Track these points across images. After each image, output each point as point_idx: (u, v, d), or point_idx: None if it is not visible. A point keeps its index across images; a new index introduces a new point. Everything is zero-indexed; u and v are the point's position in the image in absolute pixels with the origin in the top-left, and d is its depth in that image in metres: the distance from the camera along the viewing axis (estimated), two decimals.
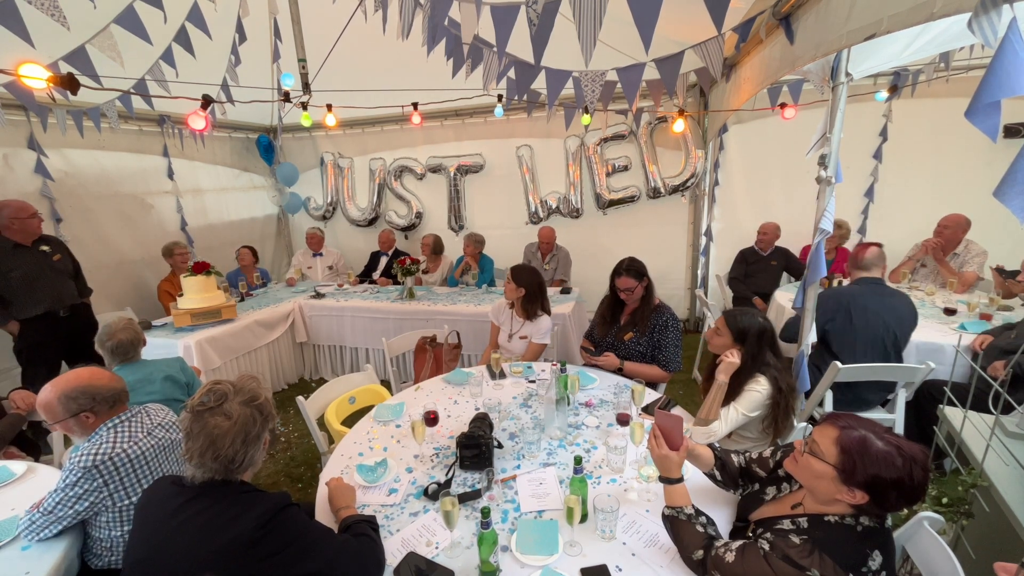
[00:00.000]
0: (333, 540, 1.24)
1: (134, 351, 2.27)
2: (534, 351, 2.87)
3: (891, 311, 2.55)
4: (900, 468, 1.05)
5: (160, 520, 1.17)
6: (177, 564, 1.11)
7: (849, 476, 1.09)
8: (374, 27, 2.54)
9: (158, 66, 2.72)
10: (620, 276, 2.52)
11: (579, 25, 1.61)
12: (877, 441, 1.09)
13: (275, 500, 1.18)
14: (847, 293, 2.63)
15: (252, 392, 1.23)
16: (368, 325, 4.14)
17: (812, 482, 1.17)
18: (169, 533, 1.14)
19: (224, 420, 1.16)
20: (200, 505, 1.15)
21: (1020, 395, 1.81)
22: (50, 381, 1.57)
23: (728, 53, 2.90)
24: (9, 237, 3.13)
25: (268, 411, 1.24)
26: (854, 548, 1.08)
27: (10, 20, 1.84)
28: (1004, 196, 1.01)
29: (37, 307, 3.20)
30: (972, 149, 3.91)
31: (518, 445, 1.88)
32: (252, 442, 1.19)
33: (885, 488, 1.06)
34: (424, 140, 5.58)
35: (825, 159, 2.07)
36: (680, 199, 4.96)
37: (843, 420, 1.16)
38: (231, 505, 1.15)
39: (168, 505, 1.18)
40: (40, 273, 3.21)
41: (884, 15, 1.48)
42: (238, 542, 1.10)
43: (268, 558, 1.11)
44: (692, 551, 1.22)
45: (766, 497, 1.39)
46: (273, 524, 1.14)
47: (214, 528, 1.11)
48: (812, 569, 1.05)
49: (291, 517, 1.18)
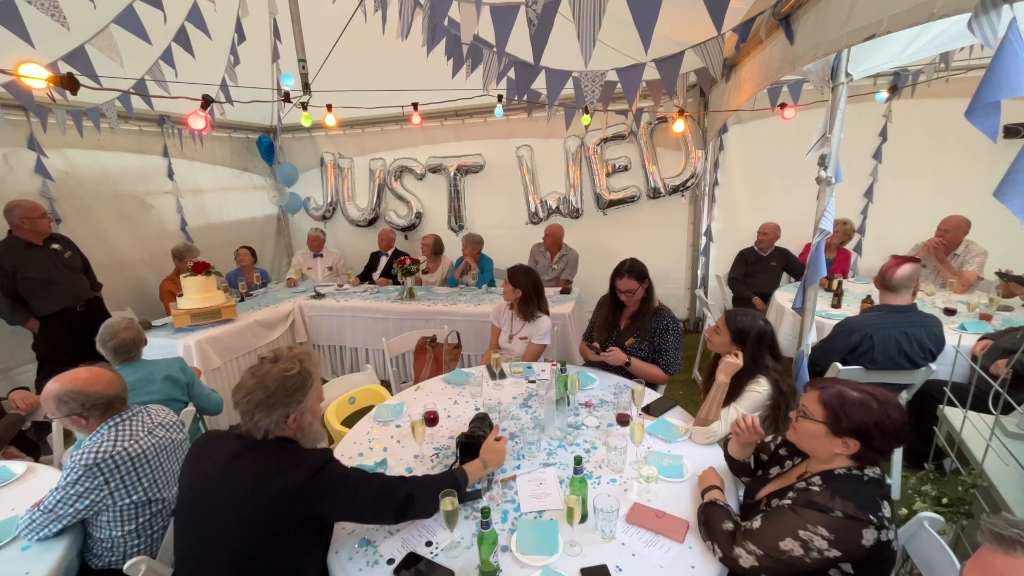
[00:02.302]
0: (372, 485, 1.36)
1: (136, 351, 2.27)
2: (534, 352, 2.87)
3: (916, 345, 2.32)
4: (876, 410, 1.21)
5: (213, 468, 1.29)
6: (230, 506, 1.23)
7: (837, 427, 1.24)
8: (374, 27, 2.54)
9: (158, 66, 2.72)
10: (622, 278, 2.48)
11: (579, 25, 1.61)
12: (852, 392, 1.26)
13: (321, 455, 1.32)
14: (869, 326, 2.36)
15: (291, 363, 1.33)
16: (368, 325, 4.14)
17: (811, 443, 1.31)
18: (223, 478, 1.26)
19: (250, 376, 1.30)
20: (257, 455, 1.28)
21: (1020, 395, 1.81)
22: (56, 376, 1.58)
23: (728, 53, 2.90)
24: (21, 237, 3.20)
25: (292, 386, 1.30)
26: (867, 493, 1.19)
27: (10, 20, 1.85)
28: (1004, 196, 1.02)
29: (55, 304, 3.30)
30: (972, 149, 3.90)
31: (518, 445, 1.88)
32: (264, 408, 1.26)
33: (869, 430, 1.21)
34: (424, 140, 5.58)
35: (825, 159, 2.07)
36: (680, 199, 4.96)
37: (821, 382, 1.34)
38: (284, 458, 1.27)
39: (227, 453, 1.30)
40: (55, 271, 3.31)
41: (884, 15, 1.48)
42: (292, 487, 1.22)
43: (319, 501, 1.25)
44: (722, 523, 1.33)
45: (771, 476, 1.49)
46: (321, 474, 1.26)
47: (271, 475, 1.23)
48: (836, 510, 1.16)
49: (335, 468, 1.32)
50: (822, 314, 3.12)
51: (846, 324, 2.46)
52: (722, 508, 1.38)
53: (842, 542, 1.13)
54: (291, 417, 1.30)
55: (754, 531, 1.25)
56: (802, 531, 1.17)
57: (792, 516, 1.20)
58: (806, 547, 1.16)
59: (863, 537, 1.13)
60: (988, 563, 0.84)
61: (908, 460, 2.55)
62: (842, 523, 1.14)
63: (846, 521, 1.14)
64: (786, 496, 1.29)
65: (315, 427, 1.40)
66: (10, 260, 3.17)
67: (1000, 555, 0.83)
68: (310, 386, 1.35)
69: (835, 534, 1.14)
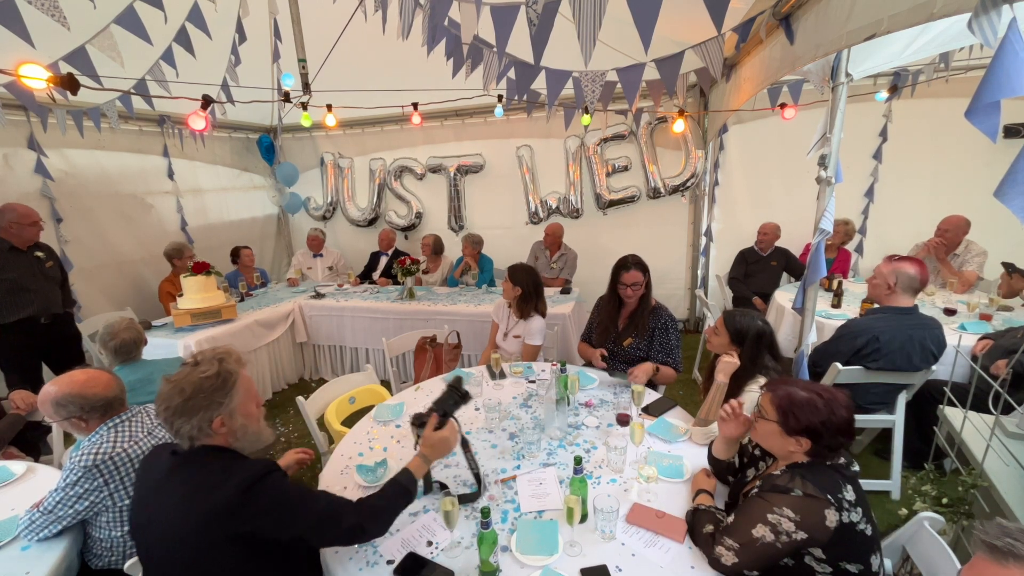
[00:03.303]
0: (316, 504, 1.25)
1: (136, 351, 2.28)
2: (528, 352, 2.87)
3: (919, 347, 2.31)
4: (823, 410, 1.25)
5: (151, 488, 1.24)
6: (167, 529, 1.16)
7: (788, 427, 1.28)
8: (374, 27, 2.54)
9: (158, 66, 2.72)
10: (628, 271, 2.48)
11: (579, 25, 1.61)
12: (800, 392, 1.30)
13: (257, 467, 1.20)
14: (875, 328, 2.34)
15: (208, 364, 1.23)
16: (368, 325, 4.14)
17: (770, 441, 1.36)
18: (158, 500, 1.20)
19: (166, 384, 1.20)
20: (186, 473, 1.20)
21: (1020, 395, 1.81)
22: (53, 379, 1.58)
23: (728, 53, 2.90)
24: (6, 239, 3.11)
25: (210, 387, 1.20)
26: (827, 476, 1.23)
27: (10, 20, 1.84)
28: (1004, 196, 1.02)
29: (21, 311, 3.12)
30: (972, 149, 3.90)
31: (518, 445, 1.88)
32: (182, 414, 1.18)
33: (817, 429, 1.25)
34: (424, 140, 5.58)
35: (825, 159, 2.07)
36: (680, 199, 4.96)
37: (774, 384, 1.39)
38: (212, 473, 1.17)
39: (160, 469, 1.24)
40: (31, 278, 3.17)
41: (884, 15, 1.48)
42: (220, 508, 1.12)
43: (251, 521, 1.14)
44: (703, 527, 1.34)
45: (748, 477, 1.53)
46: (255, 491, 1.15)
47: (198, 495, 1.14)
48: (796, 489, 1.20)
49: (273, 483, 1.19)
50: (822, 314, 3.12)
51: (851, 327, 2.44)
52: (705, 512, 1.39)
53: (807, 523, 1.17)
54: (216, 421, 1.21)
55: (729, 526, 1.28)
56: (770, 515, 1.20)
57: (760, 502, 1.24)
58: (776, 531, 1.19)
59: (826, 518, 1.16)
60: (981, 573, 0.84)
61: (908, 460, 2.55)
62: (803, 502, 1.18)
63: (806, 500, 1.18)
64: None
65: (252, 430, 1.29)
66: None
67: (992, 565, 0.82)
68: (233, 385, 1.24)
69: (799, 515, 1.17)
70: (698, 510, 1.42)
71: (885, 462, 2.61)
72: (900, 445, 2.50)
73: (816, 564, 1.21)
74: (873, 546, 1.23)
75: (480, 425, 2.05)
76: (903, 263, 2.36)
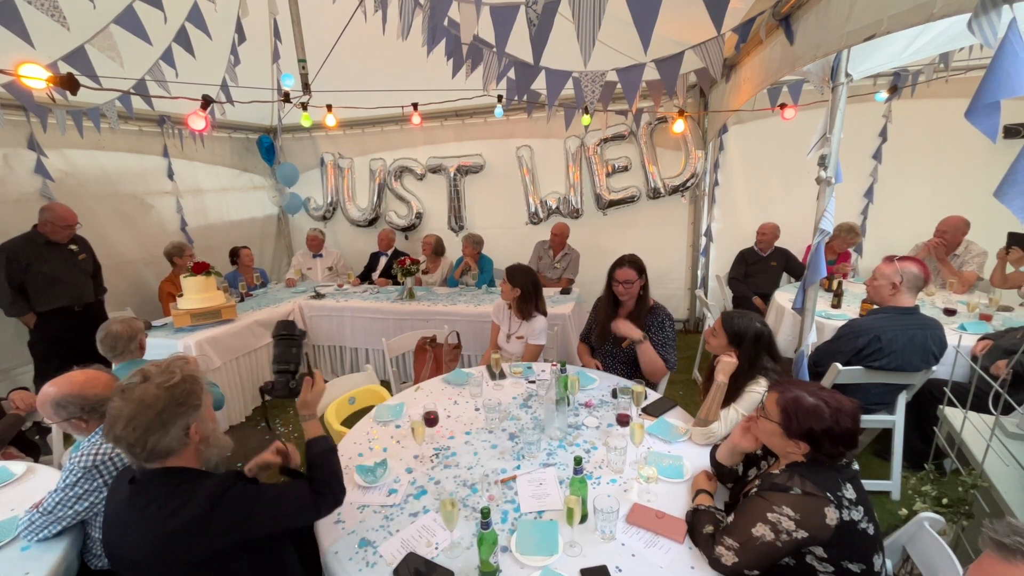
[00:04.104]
0: (282, 501, 1.26)
1: (127, 345, 2.27)
2: (531, 352, 2.87)
3: (921, 348, 2.30)
4: (827, 418, 1.24)
5: (116, 513, 1.22)
6: (133, 554, 1.13)
7: (790, 430, 1.28)
8: (374, 27, 2.54)
9: (158, 66, 2.72)
10: (622, 267, 2.51)
11: (579, 25, 1.61)
12: (808, 398, 1.28)
13: (217, 484, 1.17)
14: (877, 328, 2.33)
15: (169, 373, 1.19)
16: (368, 325, 4.13)
17: (768, 440, 1.37)
18: (123, 526, 1.17)
19: (122, 402, 1.13)
20: (146, 497, 1.15)
21: (1020, 395, 1.81)
22: (51, 380, 1.58)
23: (728, 53, 2.90)
24: (43, 234, 3.38)
25: (181, 393, 1.17)
26: (826, 475, 1.23)
27: (10, 20, 1.84)
28: (1004, 196, 1.02)
29: (55, 301, 3.41)
30: (972, 149, 3.90)
31: (518, 445, 1.88)
32: (157, 428, 1.13)
33: (819, 437, 1.24)
34: (424, 140, 5.58)
35: (825, 159, 2.07)
36: (680, 199, 4.96)
37: (782, 385, 1.37)
38: (171, 497, 1.13)
39: (121, 498, 1.20)
40: (64, 270, 3.46)
41: (884, 15, 1.48)
42: (186, 530, 1.09)
43: (221, 537, 1.13)
44: (703, 528, 1.34)
45: (749, 477, 1.53)
46: (221, 506, 1.13)
47: (160, 519, 1.11)
48: (795, 487, 1.21)
49: (238, 494, 1.18)
50: (822, 314, 3.12)
51: (853, 326, 2.44)
52: (705, 512, 1.39)
53: (807, 521, 1.17)
54: (192, 428, 1.18)
55: (729, 526, 1.28)
56: (770, 513, 1.20)
57: (760, 501, 1.25)
58: (776, 530, 1.19)
59: (826, 516, 1.16)
60: (989, 570, 0.84)
61: (908, 460, 2.55)
62: (803, 501, 1.18)
63: (805, 498, 1.18)
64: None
65: (219, 433, 1.29)
66: (27, 253, 3.31)
67: (1000, 563, 0.83)
68: (201, 388, 1.23)
69: (799, 513, 1.17)
70: (698, 510, 1.42)
71: (885, 462, 2.61)
72: (900, 445, 2.51)
73: (818, 563, 1.21)
74: (875, 546, 1.23)
75: (480, 425, 2.05)
76: (906, 262, 2.36)
